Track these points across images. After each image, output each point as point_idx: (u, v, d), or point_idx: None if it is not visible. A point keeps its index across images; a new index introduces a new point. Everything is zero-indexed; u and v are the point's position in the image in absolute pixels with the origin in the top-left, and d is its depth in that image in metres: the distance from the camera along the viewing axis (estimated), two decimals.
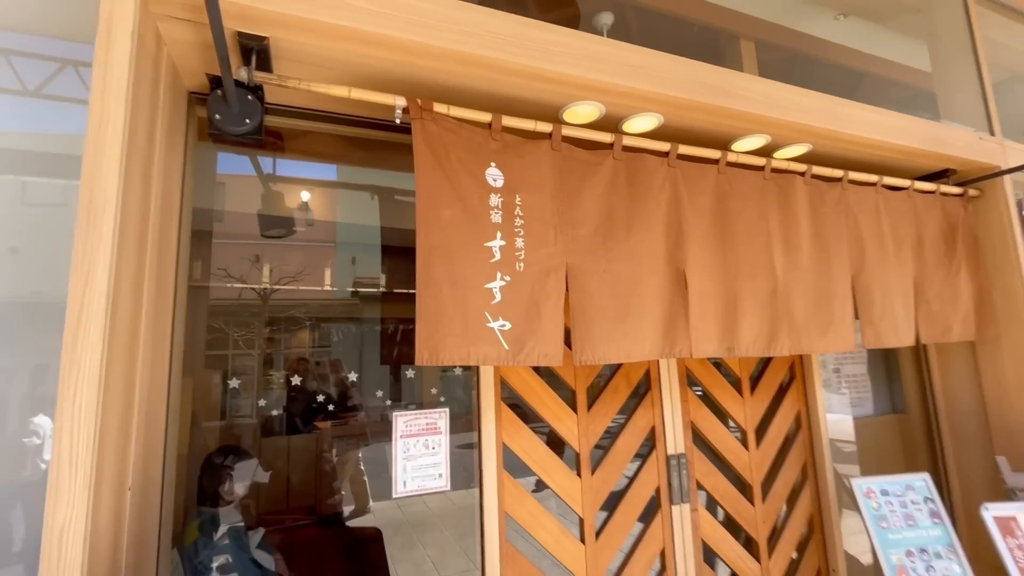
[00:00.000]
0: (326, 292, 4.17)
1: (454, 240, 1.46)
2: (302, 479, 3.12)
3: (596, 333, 1.59)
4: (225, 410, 2.84)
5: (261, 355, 3.87)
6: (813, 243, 2.09)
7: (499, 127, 1.58)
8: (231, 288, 3.68)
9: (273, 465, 3.08)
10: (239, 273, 3.57)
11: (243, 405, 3.29)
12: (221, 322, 4.13)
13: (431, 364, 1.36)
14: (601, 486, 2.09)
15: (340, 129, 1.95)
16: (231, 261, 3.56)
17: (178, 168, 1.54)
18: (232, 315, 4.03)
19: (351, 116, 1.84)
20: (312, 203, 3.57)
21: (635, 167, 1.79)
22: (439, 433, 1.80)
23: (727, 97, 1.90)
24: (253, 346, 3.98)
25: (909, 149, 2.36)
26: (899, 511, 2.15)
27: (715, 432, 2.35)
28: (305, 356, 4.25)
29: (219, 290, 3.81)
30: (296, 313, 4.16)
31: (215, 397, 2.67)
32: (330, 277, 4.11)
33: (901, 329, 2.21)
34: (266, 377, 3.80)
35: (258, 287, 3.66)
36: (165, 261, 1.44)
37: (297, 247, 4.21)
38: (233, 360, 3.90)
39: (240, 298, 3.76)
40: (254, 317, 3.91)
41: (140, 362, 1.25)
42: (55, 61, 1.42)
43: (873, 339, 2.16)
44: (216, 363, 3.71)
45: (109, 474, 1.09)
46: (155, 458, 1.38)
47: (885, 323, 2.19)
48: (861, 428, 2.88)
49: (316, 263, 4.22)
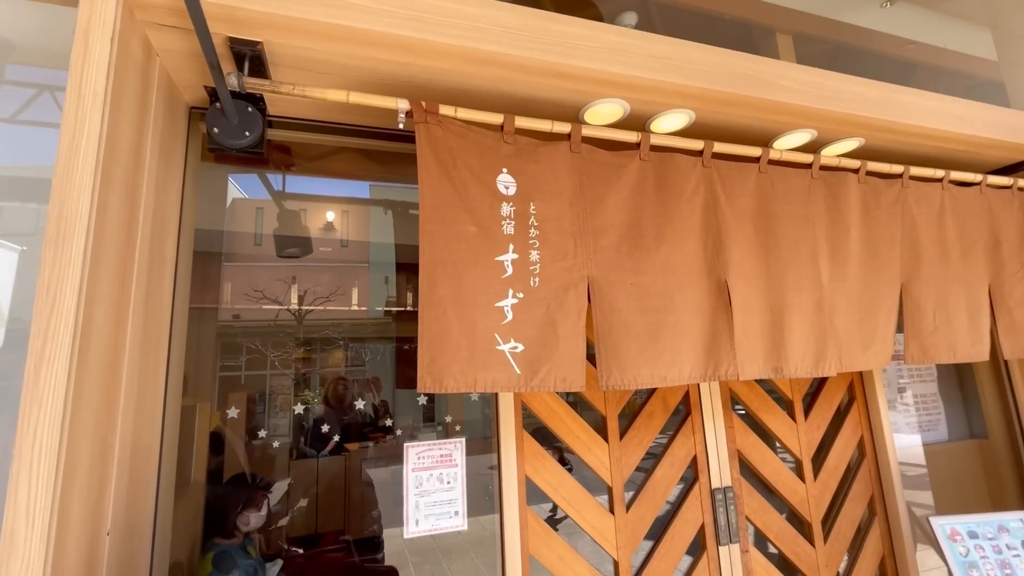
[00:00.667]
0: (358, 312, 4.12)
1: (461, 255, 1.32)
2: (333, 503, 3.01)
3: (624, 354, 1.41)
4: (252, 432, 2.77)
5: (294, 375, 3.83)
6: (862, 249, 1.85)
7: (512, 129, 1.45)
8: (264, 310, 3.67)
9: (303, 489, 2.99)
10: (273, 295, 3.55)
11: (273, 427, 3.23)
12: (250, 343, 4.12)
13: (434, 391, 1.22)
14: (638, 524, 1.87)
15: (351, 141, 1.87)
16: (265, 283, 3.56)
17: (175, 186, 1.47)
18: (264, 336, 4.02)
19: (360, 126, 1.75)
20: (345, 222, 3.53)
21: (665, 168, 1.62)
22: (455, 466, 1.64)
23: (767, 88, 1.71)
24: (285, 365, 3.94)
25: (977, 140, 2.09)
26: (992, 557, 1.84)
27: (766, 462, 2.10)
28: (343, 376, 4.19)
29: (250, 312, 3.81)
30: (330, 333, 4.13)
31: (236, 421, 2.58)
32: (362, 297, 4.06)
33: (961, 343, 1.92)
34: (297, 396, 3.75)
35: (276, 308, 3.63)
36: (158, 284, 1.35)
37: (328, 267, 4.19)
38: (255, 381, 3.87)
39: (277, 319, 3.75)
40: (288, 337, 3.88)
41: (124, 393, 1.16)
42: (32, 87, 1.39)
43: (919, 355, 1.88)
44: (234, 385, 3.66)
45: (78, 521, 0.98)
46: (144, 497, 1.28)
47: (937, 337, 1.91)
48: (934, 455, 2.55)
49: (348, 283, 4.18)
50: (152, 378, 1.33)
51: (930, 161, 2.21)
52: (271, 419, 3.26)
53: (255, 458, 2.82)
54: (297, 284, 3.90)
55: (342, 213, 3.86)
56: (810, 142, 1.96)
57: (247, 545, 2.31)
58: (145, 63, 1.25)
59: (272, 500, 2.81)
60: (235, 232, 3.49)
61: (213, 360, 3.47)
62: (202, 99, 1.54)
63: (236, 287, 3.71)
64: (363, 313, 4.07)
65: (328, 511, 2.97)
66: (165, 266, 1.41)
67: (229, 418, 2.53)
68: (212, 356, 3.36)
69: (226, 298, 3.65)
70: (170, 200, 1.43)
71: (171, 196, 1.44)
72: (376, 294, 4.16)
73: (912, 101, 1.94)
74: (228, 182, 2.15)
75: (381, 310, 4.05)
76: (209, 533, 2.25)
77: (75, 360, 0.95)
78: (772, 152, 1.79)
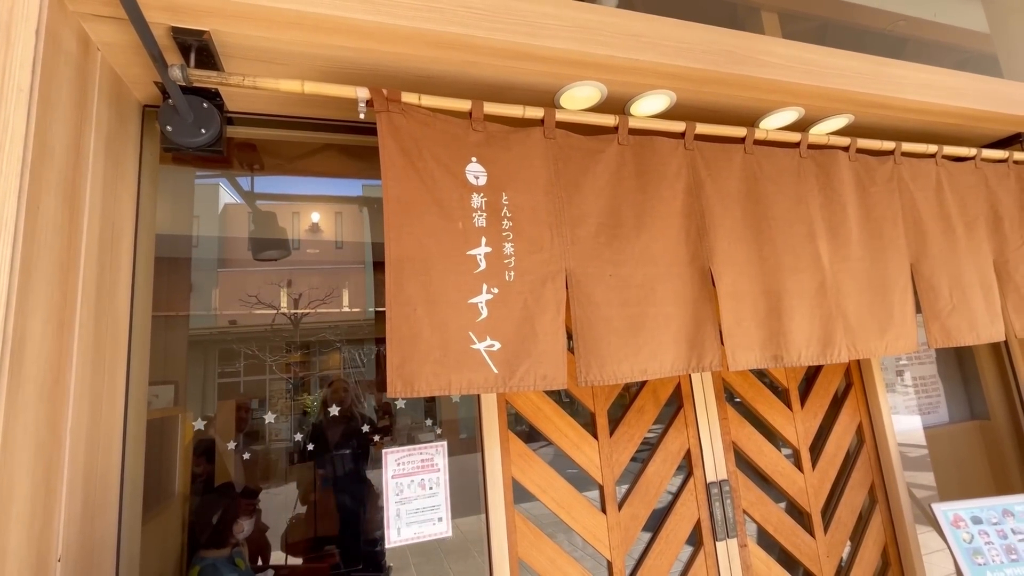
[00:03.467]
0: (356, 314, 4.05)
1: (430, 250, 1.24)
2: (330, 509, 2.95)
3: (604, 349, 1.34)
4: (243, 439, 2.70)
5: (292, 379, 3.76)
6: (864, 228, 1.78)
7: (480, 116, 1.37)
8: (259, 315, 3.60)
9: (301, 495, 2.93)
10: (268, 300, 3.48)
11: (273, 432, 3.16)
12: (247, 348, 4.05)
13: (405, 396, 1.15)
14: (631, 523, 1.81)
15: (321, 137, 1.80)
16: (259, 288, 3.48)
17: (128, 189, 1.39)
18: (261, 341, 3.95)
19: (326, 120, 1.68)
20: (338, 223, 3.44)
21: (645, 152, 1.54)
22: (436, 471, 1.57)
23: (751, 65, 1.64)
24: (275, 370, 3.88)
25: (971, 112, 2.02)
26: (997, 543, 1.79)
27: (762, 453, 2.03)
28: (342, 378, 4.12)
29: (246, 317, 3.73)
30: (328, 336, 4.06)
31: (225, 429, 2.51)
32: (357, 299, 3.99)
33: (981, 323, 1.85)
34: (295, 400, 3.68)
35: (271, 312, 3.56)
36: (111, 293, 1.28)
37: (323, 270, 4.10)
38: (253, 387, 3.80)
39: (273, 324, 3.69)
40: (285, 342, 3.82)
41: (72, 411, 1.09)
42: None
43: (941, 337, 1.81)
44: (231, 391, 3.60)
45: (18, 549, 0.92)
46: (103, 519, 1.21)
47: (957, 317, 1.84)
48: (935, 438, 2.49)
49: (344, 285, 4.11)
50: (108, 393, 1.26)
51: (922, 136, 2.13)
52: (270, 425, 3.20)
53: (247, 466, 2.75)
54: (292, 287, 3.82)
55: (334, 215, 3.77)
56: (798, 121, 1.89)
57: (236, 557, 2.25)
58: (82, 57, 1.17)
59: (268, 508, 2.75)
60: (229, 237, 3.41)
61: (199, 368, 3.39)
62: (156, 97, 1.47)
63: (230, 293, 3.63)
64: (360, 315, 4.00)
65: (327, 517, 2.91)
66: (120, 273, 1.33)
67: (216, 425, 2.46)
68: (198, 364, 3.29)
69: (216, 304, 3.57)
70: (123, 204, 1.36)
71: (124, 200, 1.36)
72: (373, 295, 4.08)
73: (903, 74, 1.87)
74: (194, 185, 2.07)
75: (378, 311, 3.98)
76: (195, 546, 2.19)
77: (5, 376, 0.88)
78: (758, 132, 1.71)
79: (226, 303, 3.69)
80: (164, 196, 1.66)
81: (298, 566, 2.71)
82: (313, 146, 1.94)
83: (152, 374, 1.59)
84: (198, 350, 3.61)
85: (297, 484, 3.03)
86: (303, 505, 2.93)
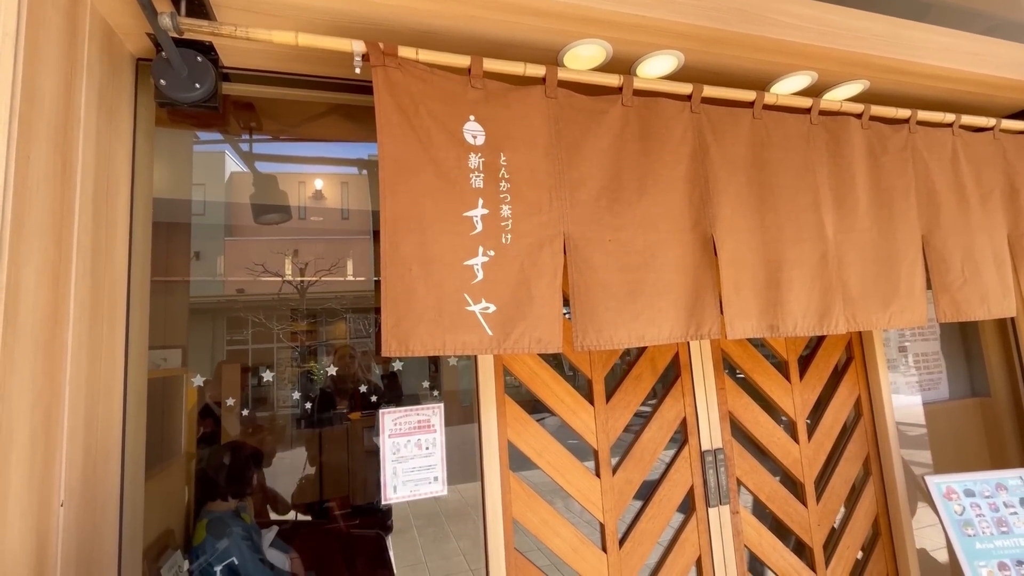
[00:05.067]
0: (363, 283, 4.06)
1: (426, 210, 1.23)
2: (337, 471, 3.03)
3: (602, 314, 1.33)
4: (250, 403, 2.76)
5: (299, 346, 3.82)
6: (872, 198, 1.74)
7: (480, 72, 1.33)
8: (268, 283, 3.62)
9: (308, 458, 3.01)
10: (275, 268, 3.51)
11: (281, 399, 3.23)
12: (254, 317, 4.10)
13: (400, 355, 1.15)
14: (625, 487, 1.84)
15: (318, 96, 1.75)
16: (266, 256, 3.51)
17: (123, 145, 1.38)
18: (269, 309, 4.00)
19: (324, 78, 1.64)
20: (344, 192, 3.41)
21: (650, 115, 1.50)
22: (433, 431, 1.59)
23: (764, 25, 1.57)
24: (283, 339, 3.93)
25: (991, 80, 1.94)
26: (989, 515, 1.80)
27: (758, 423, 2.04)
28: (348, 345, 4.17)
29: (254, 285, 3.76)
30: (334, 305, 4.09)
31: (230, 391, 2.56)
32: (365, 267, 4.00)
33: (993, 297, 1.82)
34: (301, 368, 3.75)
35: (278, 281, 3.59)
36: (108, 251, 1.28)
37: (329, 239, 4.10)
38: (261, 354, 3.86)
39: (280, 293, 3.72)
40: (291, 310, 3.86)
41: (70, 363, 1.10)
42: None
43: (951, 311, 1.78)
44: (240, 357, 3.65)
45: (20, 490, 0.94)
46: (106, 468, 1.24)
47: (967, 291, 1.81)
48: (934, 414, 2.49)
49: (350, 254, 4.11)
50: (108, 350, 1.27)
51: (939, 105, 2.06)
52: (279, 390, 3.26)
53: (253, 429, 2.82)
54: (298, 257, 3.83)
55: (340, 184, 3.74)
56: (810, 86, 1.82)
57: (241, 512, 2.32)
58: (70, 4, 1.14)
59: (276, 471, 2.83)
60: (236, 205, 3.40)
61: (207, 335, 3.43)
62: (149, 50, 1.43)
63: (237, 261, 3.64)
64: (366, 284, 4.01)
65: (332, 479, 3.00)
66: (116, 231, 1.33)
67: (219, 387, 2.51)
68: (206, 331, 3.32)
69: (225, 270, 3.59)
70: (118, 159, 1.34)
71: (119, 154, 1.35)
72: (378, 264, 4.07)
73: (924, 37, 1.79)
74: (194, 150, 2.04)
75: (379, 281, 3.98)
76: (202, 501, 2.26)
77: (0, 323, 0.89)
78: (768, 96, 1.66)
79: (232, 271, 3.70)
80: (162, 159, 1.64)
81: (302, 522, 2.79)
82: (314, 109, 1.91)
83: (157, 338, 1.60)
84: (206, 317, 3.65)
85: (305, 447, 3.10)
86: (312, 467, 3.01)
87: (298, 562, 2.43)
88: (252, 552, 2.22)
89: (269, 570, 2.24)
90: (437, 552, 3.87)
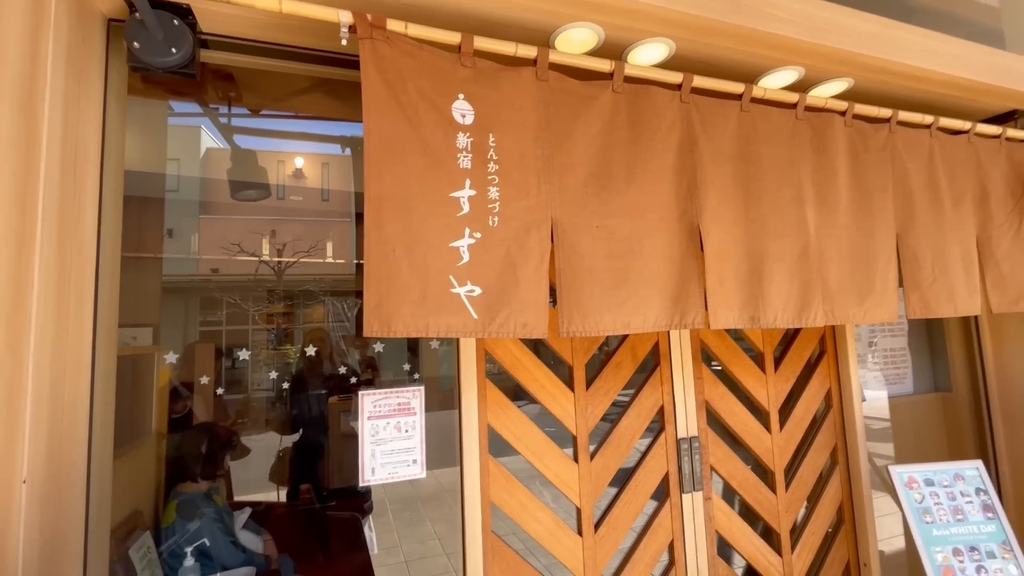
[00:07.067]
0: (341, 265, 3.98)
1: (412, 190, 1.20)
2: (313, 454, 3.00)
3: (587, 300, 1.33)
4: (223, 384, 2.70)
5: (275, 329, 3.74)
6: (853, 195, 1.77)
7: (470, 50, 1.30)
8: (243, 263, 3.52)
9: (280, 440, 2.97)
10: (251, 249, 3.41)
11: (255, 381, 3.17)
12: (229, 297, 3.99)
13: (382, 336, 1.14)
14: (602, 473, 1.86)
15: (297, 67, 1.69)
16: (242, 236, 3.41)
17: (93, 110, 1.31)
18: (244, 291, 3.89)
19: (308, 49, 1.57)
20: (325, 172, 3.32)
21: (640, 102, 1.50)
22: (413, 414, 1.58)
23: (756, 17, 1.57)
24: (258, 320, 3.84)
25: (969, 84, 1.99)
26: (946, 504, 1.88)
27: (733, 413, 2.09)
28: (320, 327, 4.09)
29: (229, 265, 3.66)
30: (312, 288, 4.01)
31: (203, 371, 2.50)
32: (344, 250, 3.91)
33: (960, 296, 1.88)
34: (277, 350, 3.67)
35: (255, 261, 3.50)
36: (76, 221, 1.22)
37: (308, 221, 4.00)
38: (236, 336, 3.77)
39: (257, 273, 3.62)
40: (268, 292, 3.76)
41: (33, 335, 1.05)
42: None
43: (920, 307, 1.84)
44: (214, 339, 3.57)
45: None
46: (72, 445, 1.20)
47: (936, 289, 1.87)
48: (897, 408, 2.58)
49: (329, 237, 4.02)
50: (75, 324, 1.22)
51: (919, 107, 2.10)
52: (254, 373, 3.20)
53: (226, 409, 2.77)
54: (276, 237, 3.73)
55: (321, 165, 3.65)
56: (797, 81, 1.84)
57: (213, 493, 2.27)
58: None
59: (242, 453, 2.78)
60: (211, 181, 3.28)
61: (180, 314, 3.33)
62: (122, 10, 1.36)
63: (212, 240, 3.52)
64: (346, 267, 3.93)
65: (308, 462, 2.97)
66: (85, 200, 1.27)
67: (195, 367, 2.44)
68: (178, 310, 3.22)
69: (200, 248, 3.48)
70: (87, 124, 1.28)
71: (88, 119, 1.28)
72: (359, 247, 4.01)
73: (908, 39, 1.82)
74: (168, 123, 1.96)
75: (360, 264, 3.92)
76: (173, 481, 2.21)
77: None
78: (756, 90, 1.67)
79: (207, 250, 3.59)
80: (135, 130, 1.57)
81: (275, 503, 2.76)
82: (296, 83, 1.84)
83: (127, 316, 1.54)
84: (179, 296, 3.53)
85: (277, 431, 3.06)
86: (286, 449, 2.97)
87: (271, 544, 2.41)
88: (224, 534, 2.18)
89: (241, 552, 2.21)
90: (412, 535, 3.89)
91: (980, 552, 1.79)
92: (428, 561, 3.63)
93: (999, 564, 1.77)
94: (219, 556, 2.11)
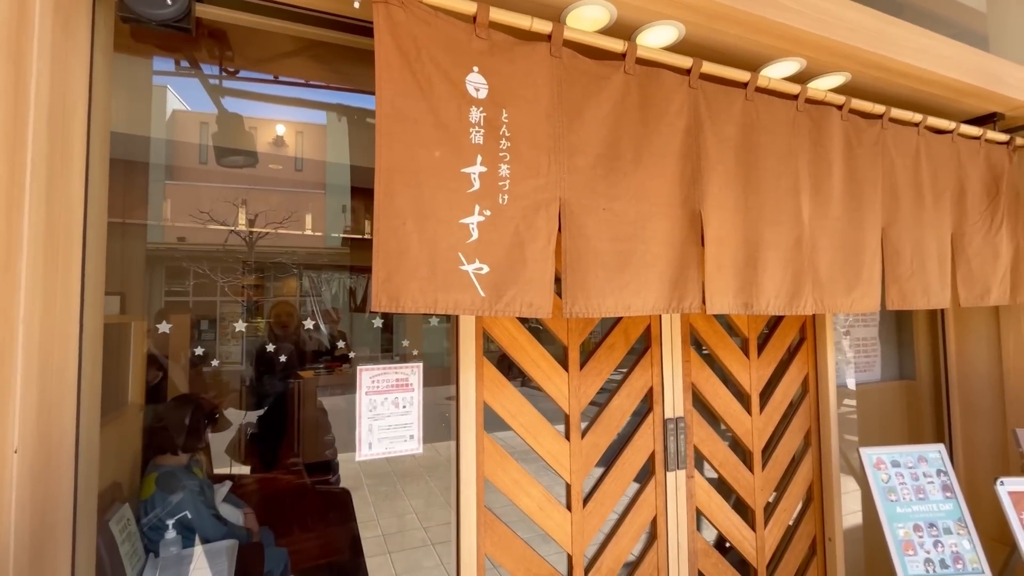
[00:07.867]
0: (315, 238, 3.87)
1: (423, 162, 1.18)
2: (286, 428, 2.98)
3: (592, 282, 1.34)
4: (197, 356, 2.63)
5: (245, 301, 3.63)
6: (845, 187, 1.82)
7: (486, 21, 1.27)
8: (212, 232, 3.39)
9: (253, 414, 2.93)
10: (221, 217, 3.28)
11: (224, 353, 3.09)
12: (197, 267, 3.85)
13: (390, 310, 1.12)
14: (591, 450, 1.91)
15: (302, 30, 1.61)
16: (212, 204, 3.27)
17: (80, 63, 1.23)
18: (213, 261, 3.76)
19: (314, 11, 1.50)
20: (299, 141, 3.20)
21: (650, 85, 1.49)
22: (411, 390, 1.58)
23: (765, 5, 1.58)
24: (228, 292, 3.73)
25: (957, 85, 2.05)
26: (910, 484, 2.00)
27: (717, 395, 2.16)
28: (286, 300, 3.99)
29: (197, 234, 3.52)
30: (284, 260, 3.89)
31: (179, 343, 2.43)
32: (318, 223, 3.79)
33: (933, 289, 1.98)
34: (248, 323, 3.58)
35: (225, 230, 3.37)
36: (64, 181, 1.15)
37: (281, 191, 3.85)
38: (203, 307, 3.66)
39: (226, 244, 3.48)
40: (238, 263, 3.64)
41: (23, 301, 1.00)
42: None
43: (898, 299, 1.93)
44: (181, 309, 3.45)
45: None
46: (61, 414, 1.15)
47: (914, 282, 1.96)
48: (864, 394, 2.71)
49: (303, 208, 3.88)
50: (63, 290, 1.16)
51: (908, 104, 2.16)
52: (222, 346, 3.11)
53: (200, 380, 2.70)
54: (247, 207, 3.59)
55: (296, 134, 3.51)
56: (797, 73, 1.86)
57: (193, 467, 2.23)
58: None
59: (223, 426, 2.74)
60: (178, 144, 3.12)
61: (155, 280, 3.20)
62: None
63: (180, 207, 3.37)
64: (320, 240, 3.83)
65: (280, 435, 2.94)
66: (72, 160, 1.20)
67: (169, 338, 2.37)
68: (155, 276, 3.09)
69: (167, 216, 3.33)
70: (74, 76, 1.20)
71: (76, 72, 1.20)
72: (333, 220, 3.91)
73: (904, 36, 1.86)
74: (152, 80, 1.85)
75: (338, 236, 3.84)
76: (151, 454, 2.16)
77: None
78: (760, 79, 1.68)
79: (175, 218, 3.44)
80: (119, 88, 1.48)
81: (257, 476, 2.74)
82: (294, 45, 1.76)
83: None
84: (145, 264, 3.37)
85: (244, 404, 3.01)
86: (252, 423, 2.93)
87: (252, 517, 2.40)
88: (206, 507, 2.16)
89: (223, 525, 2.19)
90: (390, 510, 3.92)
91: (938, 528, 1.92)
92: (406, 535, 3.67)
93: (954, 539, 1.90)
94: (202, 529, 2.09)
